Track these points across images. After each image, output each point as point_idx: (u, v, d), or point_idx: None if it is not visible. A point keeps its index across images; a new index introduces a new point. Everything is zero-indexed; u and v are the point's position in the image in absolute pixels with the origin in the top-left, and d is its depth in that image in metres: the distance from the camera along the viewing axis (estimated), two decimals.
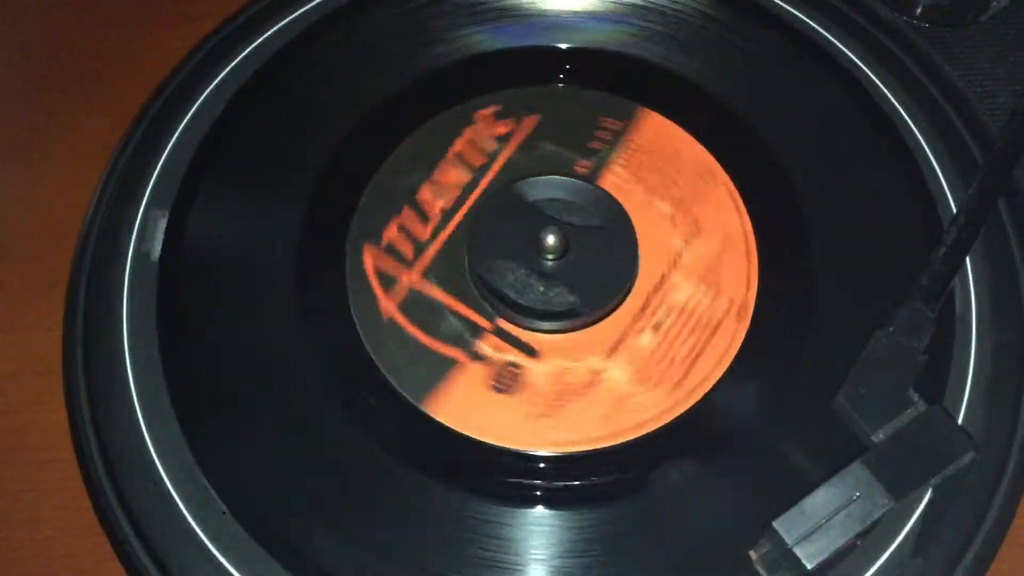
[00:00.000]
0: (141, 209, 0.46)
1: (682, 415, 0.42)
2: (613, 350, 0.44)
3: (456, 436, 0.42)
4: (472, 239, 0.45)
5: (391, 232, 0.46)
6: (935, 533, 0.39)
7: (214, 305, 0.45)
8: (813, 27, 0.51)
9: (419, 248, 0.46)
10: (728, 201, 0.47)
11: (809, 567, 0.36)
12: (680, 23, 0.51)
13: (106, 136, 0.51)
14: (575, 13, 0.51)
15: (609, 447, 0.42)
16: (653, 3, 0.51)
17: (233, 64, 0.49)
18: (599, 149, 0.48)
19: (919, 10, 0.52)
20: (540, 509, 0.41)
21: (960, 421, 0.41)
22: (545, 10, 0.51)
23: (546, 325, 0.44)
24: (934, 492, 0.38)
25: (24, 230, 0.50)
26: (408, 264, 0.45)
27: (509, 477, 0.41)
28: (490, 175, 0.47)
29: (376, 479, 0.41)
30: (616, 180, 0.47)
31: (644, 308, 0.44)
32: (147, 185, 0.47)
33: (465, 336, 0.44)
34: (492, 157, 0.48)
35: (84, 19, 0.56)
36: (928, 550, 0.39)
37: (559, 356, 0.43)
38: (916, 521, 0.39)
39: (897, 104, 0.49)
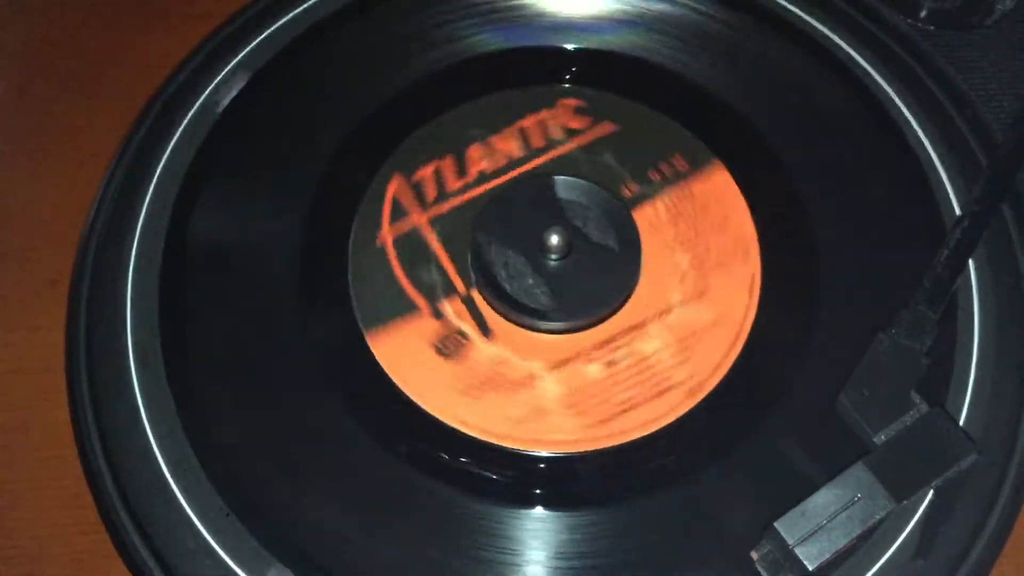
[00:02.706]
0: (144, 205, 0.46)
1: (586, 452, 0.42)
2: (559, 365, 0.44)
3: (385, 380, 0.43)
4: (485, 209, 0.46)
5: (425, 172, 0.47)
6: (937, 535, 0.39)
7: (215, 301, 0.45)
8: (821, 29, 0.51)
9: (441, 196, 0.47)
10: (747, 287, 0.45)
11: (810, 568, 0.36)
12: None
13: (108, 136, 0.51)
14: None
15: (506, 447, 0.42)
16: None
17: (238, 58, 0.50)
18: (654, 181, 0.48)
19: (924, 14, 0.52)
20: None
21: (962, 423, 0.41)
22: None
23: (511, 314, 0.44)
24: (935, 494, 0.38)
25: (26, 229, 0.51)
26: (424, 206, 0.47)
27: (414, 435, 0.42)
28: (541, 159, 0.48)
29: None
30: (652, 216, 0.47)
31: (609, 342, 0.44)
32: (149, 183, 0.47)
33: (437, 291, 0.45)
34: (552, 144, 0.48)
35: (86, 20, 0.57)
36: (929, 552, 0.39)
37: (508, 346, 0.44)
38: (917, 523, 0.39)
39: (901, 107, 0.49)
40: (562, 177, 0.47)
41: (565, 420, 0.42)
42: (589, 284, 0.45)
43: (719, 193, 0.47)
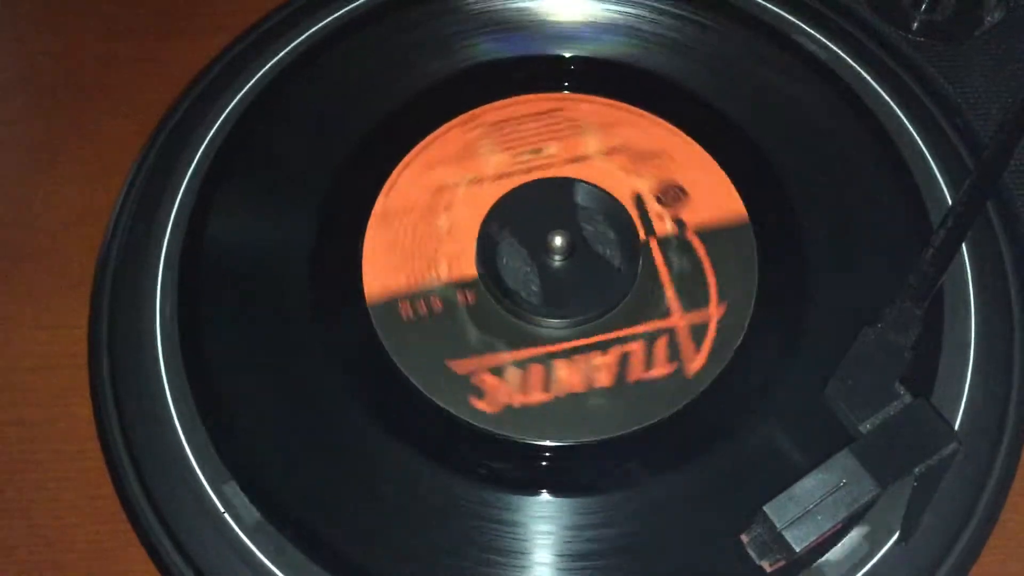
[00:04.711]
0: (174, 208, 0.48)
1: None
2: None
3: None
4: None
5: None
6: (919, 521, 0.40)
7: (236, 299, 0.46)
8: (813, 34, 0.53)
9: None
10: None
11: (798, 550, 0.37)
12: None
13: (129, 140, 0.52)
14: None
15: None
16: None
17: (257, 72, 0.51)
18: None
19: (915, 26, 0.54)
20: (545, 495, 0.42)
21: (950, 414, 0.43)
22: None
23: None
24: (917, 481, 0.39)
25: (51, 230, 0.52)
26: None
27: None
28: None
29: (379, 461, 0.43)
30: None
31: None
32: (170, 188, 0.48)
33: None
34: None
35: (108, 31, 0.58)
36: (913, 536, 0.40)
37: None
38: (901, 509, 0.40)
39: (893, 115, 0.50)
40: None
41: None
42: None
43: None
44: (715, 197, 0.48)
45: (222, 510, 0.42)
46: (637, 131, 0.50)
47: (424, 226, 0.48)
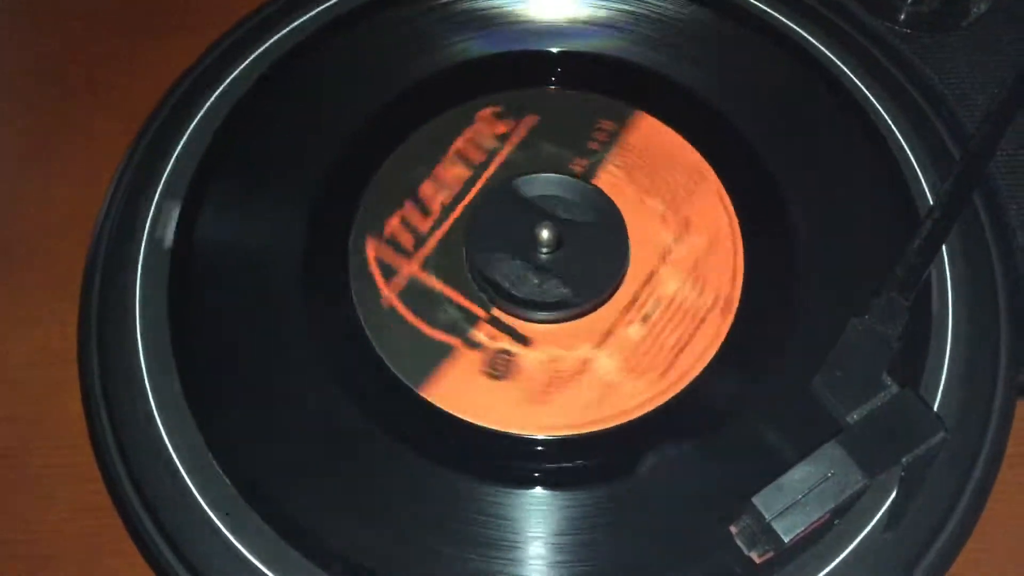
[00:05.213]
0: (153, 204, 0.48)
1: (666, 403, 0.44)
2: (603, 340, 0.45)
3: (453, 420, 0.44)
4: (470, 232, 0.47)
5: (393, 224, 0.48)
6: (906, 510, 0.40)
7: (223, 297, 0.46)
8: (800, 33, 0.52)
9: (419, 240, 0.48)
10: (716, 201, 0.49)
11: (786, 540, 0.37)
12: (669, 28, 0.53)
13: (116, 138, 0.52)
14: (568, 21, 0.53)
15: (597, 432, 0.43)
16: (644, 10, 0.53)
17: (239, 68, 0.51)
18: (595, 150, 0.50)
19: (902, 17, 0.54)
20: (538, 490, 0.42)
21: (937, 404, 0.43)
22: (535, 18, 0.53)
23: (539, 315, 0.46)
24: (905, 471, 0.39)
25: (40, 228, 0.52)
26: (408, 255, 0.47)
27: (505, 459, 0.43)
28: (489, 171, 0.49)
29: (377, 463, 0.43)
30: (611, 179, 0.49)
31: (634, 301, 0.46)
32: (158, 183, 0.48)
33: (461, 324, 0.46)
34: (491, 155, 0.50)
35: (94, 29, 0.58)
36: (898, 525, 0.40)
37: (551, 344, 0.45)
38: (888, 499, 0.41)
39: (880, 106, 0.50)
40: (519, 178, 0.48)
41: (634, 384, 0.44)
42: (593, 259, 0.47)
43: (652, 135, 0.50)
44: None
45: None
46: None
47: None
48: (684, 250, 0.47)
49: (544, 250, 0.47)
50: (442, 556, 0.41)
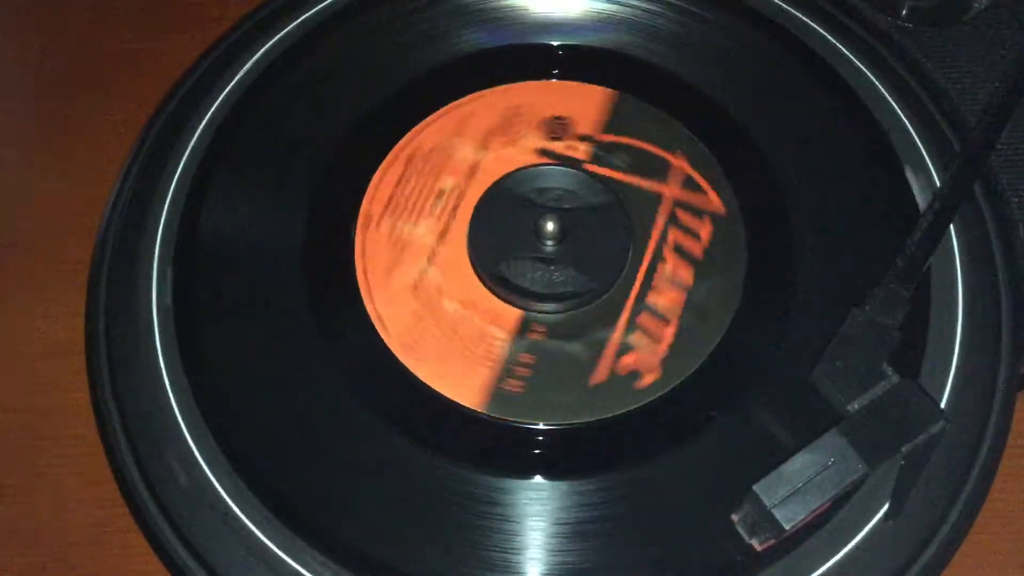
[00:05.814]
0: (159, 197, 0.48)
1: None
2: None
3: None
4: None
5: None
6: (906, 500, 0.41)
7: (230, 288, 0.47)
8: (801, 27, 0.53)
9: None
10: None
11: (787, 528, 0.37)
12: (672, 23, 0.53)
13: (123, 133, 0.53)
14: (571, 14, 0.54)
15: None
16: (644, 6, 0.53)
17: (247, 63, 0.51)
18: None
19: (904, 11, 0.54)
20: (538, 479, 0.43)
21: (942, 397, 0.43)
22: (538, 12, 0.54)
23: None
24: (905, 460, 0.39)
25: (50, 222, 0.53)
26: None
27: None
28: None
29: (383, 453, 0.43)
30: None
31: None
32: (164, 177, 0.48)
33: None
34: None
35: (99, 26, 0.59)
36: (900, 515, 0.41)
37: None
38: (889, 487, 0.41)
39: (881, 100, 0.51)
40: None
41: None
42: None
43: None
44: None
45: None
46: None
47: None
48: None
49: (549, 242, 0.47)
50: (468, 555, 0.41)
